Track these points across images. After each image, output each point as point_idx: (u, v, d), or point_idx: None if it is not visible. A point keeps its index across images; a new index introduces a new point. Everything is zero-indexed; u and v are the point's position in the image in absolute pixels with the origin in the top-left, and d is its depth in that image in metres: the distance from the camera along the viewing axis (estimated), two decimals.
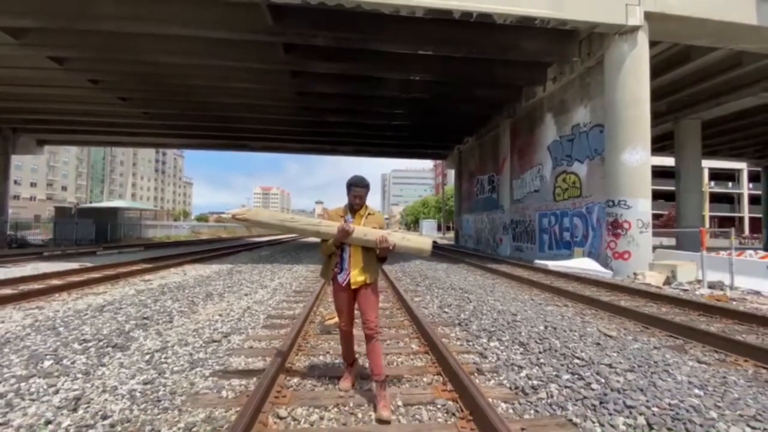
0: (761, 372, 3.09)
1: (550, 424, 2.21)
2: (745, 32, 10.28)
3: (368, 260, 2.56)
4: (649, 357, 3.22)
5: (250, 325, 4.36)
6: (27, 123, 20.74)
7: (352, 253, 2.55)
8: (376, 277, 2.64)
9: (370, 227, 2.53)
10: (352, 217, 2.60)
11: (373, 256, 2.58)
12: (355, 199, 2.58)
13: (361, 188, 2.57)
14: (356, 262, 2.54)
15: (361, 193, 2.58)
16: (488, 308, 5.14)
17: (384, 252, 2.51)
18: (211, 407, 2.42)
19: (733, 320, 4.85)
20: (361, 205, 2.62)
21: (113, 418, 2.26)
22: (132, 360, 3.20)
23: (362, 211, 2.62)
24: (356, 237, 2.45)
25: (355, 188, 2.56)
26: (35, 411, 2.35)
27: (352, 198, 2.58)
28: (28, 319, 4.51)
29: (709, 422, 2.13)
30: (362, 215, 2.61)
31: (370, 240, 2.45)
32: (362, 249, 2.55)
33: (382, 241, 2.42)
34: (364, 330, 2.58)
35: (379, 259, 2.62)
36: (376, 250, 2.51)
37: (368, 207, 2.67)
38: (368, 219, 2.61)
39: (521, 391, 2.63)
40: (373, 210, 2.68)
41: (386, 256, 2.60)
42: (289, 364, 3.11)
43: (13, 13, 9.55)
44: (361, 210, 2.62)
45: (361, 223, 2.57)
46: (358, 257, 2.55)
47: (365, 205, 2.66)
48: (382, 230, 2.52)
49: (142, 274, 8.58)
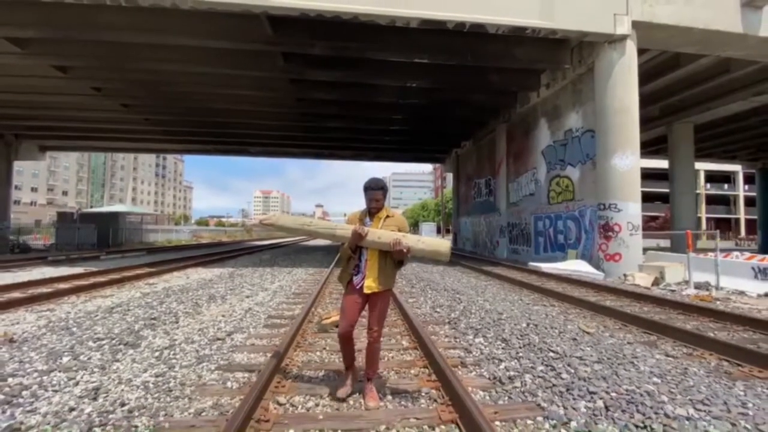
0: (723, 364, 3.36)
1: (520, 408, 2.48)
2: (731, 40, 10.59)
3: (384, 266, 2.51)
4: (620, 351, 3.50)
5: (252, 325, 4.63)
6: (29, 129, 21.06)
7: (369, 257, 2.51)
8: (390, 285, 2.57)
9: (388, 230, 2.48)
10: (370, 220, 2.57)
11: (391, 261, 2.52)
12: (371, 203, 2.55)
13: (377, 191, 2.52)
14: (372, 268, 2.50)
15: (377, 196, 2.52)
16: (477, 308, 5.42)
17: (398, 255, 2.43)
18: (217, 396, 2.69)
19: (709, 318, 5.12)
20: (379, 208, 2.57)
21: (130, 405, 2.53)
22: (143, 356, 3.47)
23: (381, 214, 2.57)
24: (370, 240, 2.43)
25: (371, 191, 2.53)
26: (59, 400, 2.62)
27: (369, 201, 2.56)
28: (41, 320, 4.78)
29: (658, 405, 2.40)
30: (380, 218, 2.56)
31: (384, 243, 2.42)
32: (379, 254, 2.50)
33: (396, 243, 2.37)
34: (368, 336, 2.60)
35: (397, 263, 2.55)
36: (392, 253, 2.45)
37: (387, 209, 2.61)
38: (386, 222, 2.55)
39: (498, 381, 2.89)
40: (393, 212, 2.63)
41: (403, 260, 2.52)
42: (288, 359, 3.38)
43: (18, 23, 9.88)
44: (380, 213, 2.57)
45: (379, 226, 2.51)
46: (374, 262, 2.50)
47: (384, 207, 2.60)
48: (398, 233, 2.46)
49: (147, 278, 8.85)
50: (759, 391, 2.76)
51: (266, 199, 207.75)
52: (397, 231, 2.50)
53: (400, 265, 2.58)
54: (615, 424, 2.21)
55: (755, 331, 4.50)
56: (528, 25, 9.76)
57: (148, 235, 30.20)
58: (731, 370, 3.20)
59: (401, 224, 2.58)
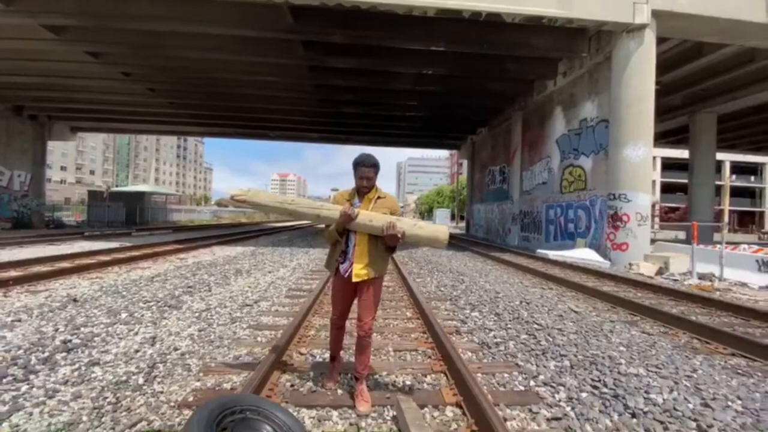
0: (693, 342, 3.74)
1: (500, 365, 2.97)
2: (755, 30, 10.36)
3: (375, 251, 2.28)
4: (600, 327, 3.92)
5: (275, 295, 5.24)
6: (62, 111, 22.13)
7: (358, 242, 2.28)
8: (382, 272, 2.35)
9: (379, 212, 2.26)
10: (359, 200, 2.33)
11: (382, 246, 2.29)
12: (362, 181, 2.30)
13: (369, 167, 2.27)
14: (361, 253, 2.27)
15: (368, 173, 2.28)
16: (477, 288, 5.89)
17: (391, 240, 2.19)
18: (250, 347, 3.28)
19: (697, 305, 5.44)
20: (370, 188, 2.33)
21: (182, 350, 3.14)
22: (186, 316, 4.10)
23: (371, 194, 2.33)
24: (360, 222, 2.20)
25: (362, 168, 2.28)
26: (125, 344, 3.25)
27: (359, 179, 2.31)
28: (94, 286, 5.51)
29: (615, 365, 2.85)
30: (371, 198, 2.33)
31: (376, 226, 2.19)
32: (369, 238, 2.27)
33: (389, 227, 2.14)
34: (357, 330, 2.38)
35: (388, 249, 2.31)
36: (384, 239, 2.24)
37: (379, 189, 2.37)
38: (377, 203, 2.32)
39: (486, 346, 3.38)
40: (384, 193, 2.38)
41: (395, 246, 2.28)
42: (306, 322, 3.95)
43: (55, 12, 10.54)
44: (370, 193, 2.34)
45: (369, 208, 2.28)
46: (364, 247, 2.27)
47: (375, 187, 2.36)
48: (391, 216, 2.24)
49: (177, 254, 9.64)
50: (715, 363, 3.16)
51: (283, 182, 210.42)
52: (388, 214, 2.28)
53: (392, 251, 2.35)
54: (576, 377, 2.68)
55: (737, 317, 4.82)
56: (545, 14, 9.80)
57: (172, 214, 31.56)
58: (698, 347, 3.59)
59: (393, 206, 2.36)
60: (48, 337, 3.30)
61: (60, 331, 3.48)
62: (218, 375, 2.71)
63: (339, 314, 2.47)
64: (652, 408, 2.25)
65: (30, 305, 4.35)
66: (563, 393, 2.46)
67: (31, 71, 15.14)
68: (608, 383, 2.55)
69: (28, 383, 2.47)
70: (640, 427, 2.06)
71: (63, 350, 3.04)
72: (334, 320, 2.51)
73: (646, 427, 2.06)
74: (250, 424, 1.61)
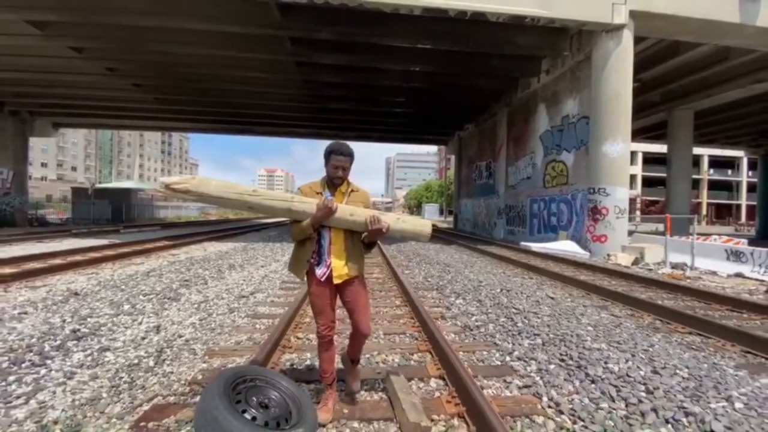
0: (655, 323, 4.12)
1: (479, 345, 3.28)
2: (729, 29, 10.86)
3: (352, 248, 2.11)
4: (573, 311, 4.28)
5: (269, 287, 5.47)
6: (44, 107, 21.67)
7: (334, 239, 2.08)
8: (362, 270, 2.17)
9: (354, 207, 2.09)
10: (331, 194, 2.12)
11: (359, 242, 2.14)
12: (336, 171, 2.08)
13: (344, 156, 2.07)
14: (338, 251, 2.08)
15: (344, 162, 2.08)
16: (462, 278, 6.22)
17: (374, 236, 2.05)
18: (250, 333, 3.52)
19: (665, 291, 5.87)
20: (343, 179, 2.13)
21: (186, 337, 3.36)
22: (185, 307, 4.31)
23: (344, 188, 2.14)
24: (341, 217, 2.01)
25: (336, 156, 2.06)
26: (131, 333, 3.45)
27: (332, 169, 2.08)
28: (92, 281, 5.65)
29: (581, 341, 3.19)
30: (344, 192, 2.14)
31: (358, 221, 2.02)
32: (345, 233, 2.09)
33: (374, 222, 1.99)
34: (357, 335, 2.20)
35: (366, 245, 2.17)
36: (361, 234, 2.11)
37: (351, 183, 2.18)
38: (351, 197, 2.14)
39: (468, 328, 3.70)
40: (356, 187, 2.21)
41: (375, 242, 2.17)
42: (302, 311, 4.20)
43: (39, 8, 10.44)
44: (343, 186, 2.14)
45: (343, 202, 2.10)
46: (341, 244, 2.08)
47: (347, 180, 2.16)
48: (373, 210, 2.13)
49: (168, 249, 9.74)
50: (672, 339, 3.53)
51: (270, 177, 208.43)
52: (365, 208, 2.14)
53: (370, 248, 2.21)
54: (546, 353, 3.01)
55: (700, 301, 5.25)
56: (528, 14, 10.13)
57: (158, 211, 31.23)
58: (659, 327, 3.97)
59: (366, 201, 2.20)
60: (57, 327, 3.48)
61: (68, 321, 3.66)
62: (222, 357, 2.95)
63: (327, 325, 2.14)
64: (609, 375, 2.58)
65: (33, 299, 4.50)
66: (534, 366, 2.78)
67: (13, 67, 14.87)
68: (574, 356, 2.88)
69: (46, 367, 2.68)
70: (597, 390, 2.39)
71: (73, 338, 3.23)
72: (322, 333, 2.14)
73: (602, 390, 2.38)
74: (260, 390, 1.86)
